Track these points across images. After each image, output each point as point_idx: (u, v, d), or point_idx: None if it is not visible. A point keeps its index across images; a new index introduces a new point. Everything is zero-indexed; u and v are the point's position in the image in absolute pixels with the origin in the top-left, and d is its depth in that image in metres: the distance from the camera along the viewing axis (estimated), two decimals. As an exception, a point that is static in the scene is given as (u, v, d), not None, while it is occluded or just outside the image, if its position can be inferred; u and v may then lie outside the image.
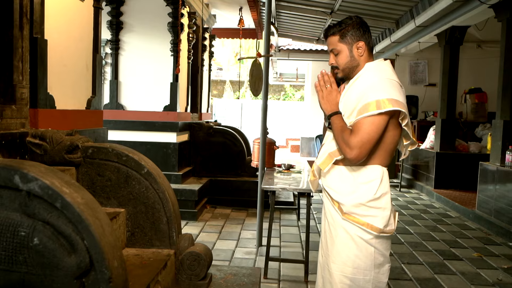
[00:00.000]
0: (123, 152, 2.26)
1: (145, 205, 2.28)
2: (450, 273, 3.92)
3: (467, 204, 6.31)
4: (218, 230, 5.03)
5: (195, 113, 6.93)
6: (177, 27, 5.37)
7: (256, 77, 3.42)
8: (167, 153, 5.58)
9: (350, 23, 1.93)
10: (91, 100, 3.05)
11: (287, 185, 3.64)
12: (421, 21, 5.38)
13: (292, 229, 5.21)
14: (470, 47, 9.30)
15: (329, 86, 1.99)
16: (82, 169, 2.28)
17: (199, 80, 7.07)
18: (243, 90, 26.08)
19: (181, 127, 5.73)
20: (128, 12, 5.51)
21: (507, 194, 5.16)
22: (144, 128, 5.51)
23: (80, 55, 2.93)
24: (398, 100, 1.81)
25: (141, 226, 2.29)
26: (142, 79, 5.58)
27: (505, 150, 5.40)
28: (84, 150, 2.27)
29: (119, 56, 5.54)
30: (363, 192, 1.89)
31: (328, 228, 2.03)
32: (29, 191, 1.42)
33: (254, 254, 4.24)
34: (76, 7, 2.86)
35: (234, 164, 6.47)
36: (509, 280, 3.79)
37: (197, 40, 6.66)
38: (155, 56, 5.57)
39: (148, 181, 2.26)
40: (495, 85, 9.81)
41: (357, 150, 1.81)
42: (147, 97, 5.59)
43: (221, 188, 6.25)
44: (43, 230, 1.42)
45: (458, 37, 7.11)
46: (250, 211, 6.01)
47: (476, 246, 4.76)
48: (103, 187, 2.28)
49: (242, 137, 6.87)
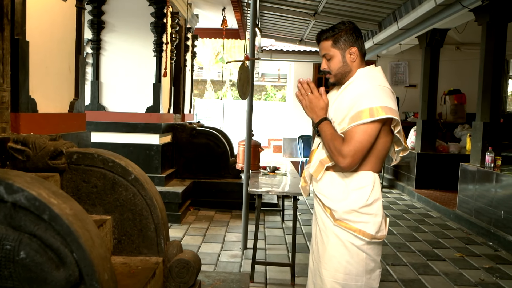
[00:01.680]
0: (109, 157, 2.20)
1: (132, 212, 2.22)
2: (434, 273, 3.97)
3: (448, 204, 6.42)
4: (202, 233, 4.98)
5: (177, 114, 6.85)
6: (160, 27, 5.29)
7: (244, 80, 3.39)
8: (150, 155, 5.49)
9: (343, 29, 1.92)
10: (73, 102, 2.97)
11: (274, 188, 3.62)
12: (404, 23, 5.44)
13: (276, 231, 5.20)
14: (449, 49, 9.48)
15: (311, 94, 1.95)
16: (67, 175, 2.21)
17: (182, 80, 7.00)
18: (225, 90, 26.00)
19: (164, 128, 5.66)
20: (109, 11, 5.40)
21: (486, 195, 5.26)
22: (126, 130, 5.41)
23: (63, 56, 2.84)
24: (391, 108, 1.81)
25: (128, 234, 2.24)
26: (124, 79, 5.48)
27: (485, 151, 5.50)
28: (69, 155, 2.20)
29: (101, 56, 5.43)
30: (355, 198, 1.88)
31: (319, 234, 2.01)
32: (15, 202, 1.36)
33: (240, 257, 4.21)
34: (58, 7, 2.77)
35: (218, 166, 6.42)
36: (490, 280, 3.86)
37: (179, 41, 6.58)
38: (137, 56, 5.48)
39: (135, 188, 2.21)
40: (474, 87, 10.01)
41: (350, 159, 1.81)
42: (129, 98, 5.49)
43: (205, 190, 6.20)
44: (29, 243, 1.36)
45: (438, 39, 7.23)
46: (234, 213, 5.97)
47: (457, 246, 4.84)
48: (89, 194, 2.22)
49: (226, 138, 6.82)
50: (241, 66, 3.35)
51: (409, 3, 5.23)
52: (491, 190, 5.17)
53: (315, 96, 1.94)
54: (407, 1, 5.29)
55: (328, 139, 1.89)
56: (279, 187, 3.81)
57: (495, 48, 5.43)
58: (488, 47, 5.50)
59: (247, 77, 3.38)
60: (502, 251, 4.71)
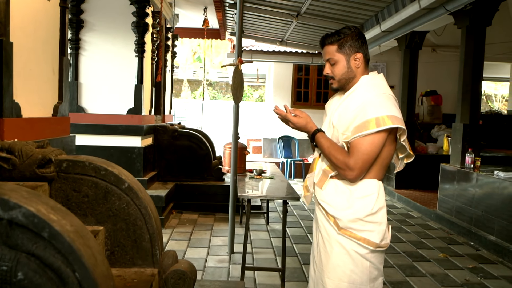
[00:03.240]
0: (101, 165, 2.10)
1: (126, 222, 2.13)
2: (421, 275, 4.01)
3: (428, 204, 6.53)
4: (187, 237, 4.89)
5: (158, 115, 6.72)
6: (142, 27, 5.16)
7: (238, 84, 3.32)
8: (131, 158, 5.35)
9: (349, 34, 1.88)
10: (58, 106, 2.84)
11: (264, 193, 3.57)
12: (387, 26, 5.49)
13: (261, 234, 5.16)
14: (425, 51, 9.64)
15: (290, 122, 1.94)
16: (56, 184, 2.10)
17: (163, 81, 6.86)
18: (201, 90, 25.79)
19: (146, 130, 5.52)
20: (89, 10, 5.23)
21: (467, 195, 5.36)
22: (106, 132, 5.25)
23: (47, 58, 2.71)
24: (397, 117, 1.79)
25: (121, 245, 2.14)
26: (104, 80, 5.32)
27: (465, 152, 5.61)
28: (58, 164, 2.09)
29: (80, 56, 5.25)
30: (360, 207, 1.85)
31: (322, 242, 1.98)
32: (11, 220, 1.26)
33: (227, 262, 4.15)
34: (42, 6, 2.64)
35: (200, 168, 6.33)
36: (475, 280, 3.92)
37: (160, 41, 6.45)
38: (118, 56, 5.32)
39: (129, 197, 2.11)
40: (449, 88, 10.28)
41: (358, 171, 1.80)
42: (110, 100, 5.33)
43: (187, 193, 6.10)
44: (28, 263, 1.27)
45: (417, 41, 7.34)
46: (218, 216, 5.90)
47: (440, 247, 4.91)
48: (79, 203, 2.11)
49: (208, 140, 6.74)
50: (235, 69, 3.28)
51: (392, 6, 5.27)
52: (471, 190, 5.28)
53: (297, 116, 1.95)
54: (390, 4, 5.33)
55: (328, 152, 1.87)
56: (269, 191, 3.76)
57: (474, 51, 5.54)
58: (467, 50, 5.60)
59: (241, 81, 3.32)
60: (484, 250, 4.80)
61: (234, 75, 3.34)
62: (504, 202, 4.65)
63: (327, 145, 1.88)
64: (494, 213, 4.81)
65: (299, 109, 1.99)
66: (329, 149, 1.87)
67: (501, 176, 4.88)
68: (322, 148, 1.90)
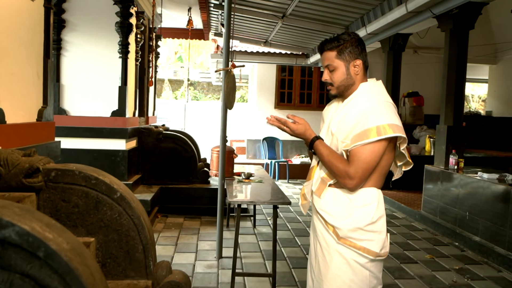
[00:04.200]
0: (92, 174, 2.02)
1: (118, 233, 2.06)
2: (409, 277, 4.03)
3: (412, 205, 6.59)
4: (173, 242, 4.80)
5: (142, 117, 6.59)
6: (126, 27, 5.05)
7: (231, 89, 3.26)
8: (115, 161, 5.24)
9: (348, 40, 1.85)
10: (42, 110, 2.73)
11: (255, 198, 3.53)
12: (373, 29, 5.51)
13: (249, 238, 5.11)
14: (407, 53, 9.74)
15: (287, 128, 1.90)
16: (44, 194, 2.01)
17: (146, 82, 6.74)
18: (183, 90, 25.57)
19: (130, 133, 5.41)
20: (71, 9, 5.09)
21: (451, 196, 5.43)
22: (90, 135, 5.12)
23: (31, 61, 2.60)
24: (398, 125, 1.78)
25: (113, 256, 2.07)
26: (87, 82, 5.19)
27: (449, 154, 5.68)
28: (46, 173, 2.00)
29: (61, 57, 5.10)
30: (360, 215, 1.83)
31: (321, 252, 1.94)
32: (4, 239, 1.19)
33: (216, 268, 4.09)
34: (26, 7, 2.54)
35: (186, 171, 6.24)
36: (462, 282, 3.96)
37: (144, 41, 6.33)
38: (101, 57, 5.20)
39: (121, 207, 2.04)
40: (431, 89, 10.43)
41: (358, 180, 1.77)
42: (93, 102, 5.20)
43: (172, 196, 6.01)
44: (22, 284, 1.20)
45: (401, 43, 7.41)
46: (204, 219, 5.83)
47: (426, 248, 4.95)
48: (69, 214, 2.03)
49: (193, 142, 6.66)
50: (228, 74, 3.22)
51: (378, 9, 5.30)
52: (455, 191, 5.35)
53: (297, 122, 1.90)
54: (376, 6, 5.35)
55: (327, 160, 1.84)
56: (259, 196, 3.72)
57: (458, 54, 5.61)
58: (451, 53, 5.67)
59: (233, 85, 3.26)
60: (468, 251, 4.87)
61: (227, 80, 3.28)
62: (488, 203, 4.72)
63: (326, 153, 1.85)
64: (478, 214, 4.88)
65: (297, 116, 1.95)
66: (328, 157, 1.84)
67: (485, 177, 4.95)
68: (321, 156, 1.87)
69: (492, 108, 10.82)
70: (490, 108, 10.91)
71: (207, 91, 26.70)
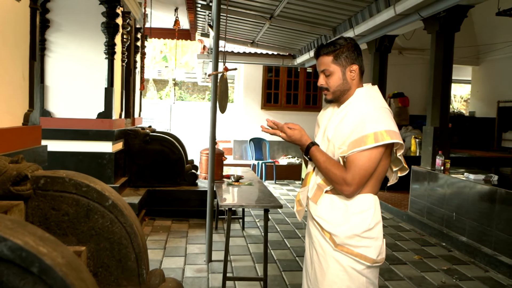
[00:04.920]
0: (83, 182, 1.96)
1: (110, 241, 2.00)
2: (398, 278, 4.05)
3: (399, 205, 6.64)
4: (162, 246, 4.74)
5: (128, 119, 6.50)
6: (113, 28, 4.97)
7: (223, 93, 3.22)
8: (102, 164, 5.14)
9: (345, 45, 1.84)
10: (28, 114, 2.65)
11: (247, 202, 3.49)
12: (361, 31, 5.53)
13: (238, 240, 5.08)
14: (392, 54, 9.84)
15: (283, 134, 1.87)
16: (33, 202, 1.95)
17: (132, 83, 6.65)
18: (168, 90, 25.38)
19: (116, 135, 5.32)
20: (55, 9, 4.98)
21: (438, 197, 5.49)
22: (75, 137, 5.02)
23: (16, 63, 2.52)
24: (395, 131, 1.77)
25: (105, 265, 2.02)
26: (72, 83, 5.08)
27: (435, 155, 5.74)
28: (35, 180, 1.94)
29: (46, 58, 4.98)
30: (357, 222, 1.81)
31: (317, 259, 1.92)
32: (-4, 254, 1.14)
33: (206, 272, 4.04)
34: (11, 7, 2.46)
35: (173, 173, 6.17)
36: (451, 282, 4.00)
37: (130, 41, 6.25)
38: (87, 58, 5.10)
39: (113, 214, 1.99)
40: (416, 90, 10.55)
41: (355, 187, 1.76)
42: (79, 103, 5.10)
43: (160, 199, 5.93)
44: (15, 301, 1.14)
45: (387, 45, 7.47)
46: (192, 222, 5.77)
47: (414, 248, 4.99)
48: (59, 222, 1.97)
49: (180, 144, 6.59)
50: (221, 77, 3.17)
51: (366, 11, 5.31)
52: (442, 192, 5.40)
53: (292, 128, 1.88)
54: (364, 8, 5.37)
55: (324, 167, 1.82)
56: (250, 199, 3.69)
57: (444, 56, 5.67)
58: (437, 55, 5.73)
59: (225, 89, 3.21)
60: (456, 251, 4.92)
61: (220, 84, 3.24)
62: (474, 203, 4.78)
63: (323, 160, 1.83)
64: (465, 215, 4.94)
65: (291, 122, 1.93)
66: (325, 164, 1.82)
67: (471, 178, 5.02)
68: (318, 163, 1.85)
69: (475, 109, 10.99)
70: (473, 109, 11.08)
71: (192, 91, 26.56)
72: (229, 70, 3.30)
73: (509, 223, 4.26)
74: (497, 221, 4.41)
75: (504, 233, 4.31)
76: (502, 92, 9.80)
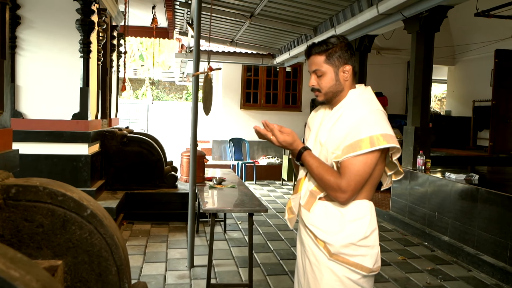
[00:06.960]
0: (58, 190, 1.82)
1: (89, 254, 1.87)
2: (384, 280, 4.02)
3: (381, 205, 6.65)
4: (141, 251, 4.58)
5: (104, 119, 6.29)
6: (88, 25, 4.77)
7: (208, 94, 3.09)
8: (77, 167, 4.94)
9: (337, 44, 1.75)
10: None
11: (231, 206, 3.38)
12: (342, 30, 5.49)
13: (220, 244, 4.96)
14: (371, 54, 9.89)
15: (273, 137, 1.77)
16: (3, 214, 1.79)
17: (109, 83, 6.44)
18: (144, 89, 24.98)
19: (92, 137, 5.12)
20: (26, 5, 4.74)
21: (419, 196, 5.50)
22: (49, 139, 4.80)
23: (-16, 62, 2.34)
24: (391, 135, 1.69)
25: (84, 280, 1.88)
26: (45, 83, 4.86)
27: (416, 154, 5.76)
28: (5, 190, 1.78)
29: (17, 56, 4.75)
30: (353, 230, 1.73)
31: (310, 268, 1.84)
32: (-41, 280, 1.00)
33: (188, 278, 3.92)
34: (-22, 2, 2.28)
35: (152, 175, 6.01)
36: (436, 283, 3.99)
37: (106, 40, 6.04)
38: (61, 57, 4.88)
39: (92, 225, 1.85)
40: (394, 89, 10.63)
41: (350, 193, 1.67)
42: (53, 104, 4.88)
43: (139, 202, 5.76)
44: (-18, 333, 1.01)
45: (367, 45, 7.47)
46: (172, 225, 5.62)
47: (398, 249, 4.98)
48: (33, 235, 1.82)
49: (159, 145, 6.42)
50: (205, 78, 3.04)
51: (348, 10, 5.27)
52: (424, 192, 5.42)
53: (284, 132, 1.77)
54: (346, 8, 5.33)
55: (317, 172, 1.73)
56: (235, 203, 3.58)
57: (424, 56, 5.69)
58: (418, 55, 5.75)
59: (209, 90, 3.09)
60: (438, 251, 4.94)
61: (204, 85, 3.11)
62: (456, 203, 4.80)
63: (316, 165, 1.74)
64: (446, 214, 4.96)
65: (282, 126, 1.82)
66: (318, 169, 1.73)
67: (452, 178, 5.04)
68: (311, 168, 1.76)
69: (451, 108, 11.16)
70: (449, 108, 11.25)
71: (169, 90, 26.21)
72: (214, 70, 3.19)
73: (491, 222, 4.29)
74: (479, 220, 4.43)
75: (486, 232, 4.34)
76: (477, 92, 9.97)
